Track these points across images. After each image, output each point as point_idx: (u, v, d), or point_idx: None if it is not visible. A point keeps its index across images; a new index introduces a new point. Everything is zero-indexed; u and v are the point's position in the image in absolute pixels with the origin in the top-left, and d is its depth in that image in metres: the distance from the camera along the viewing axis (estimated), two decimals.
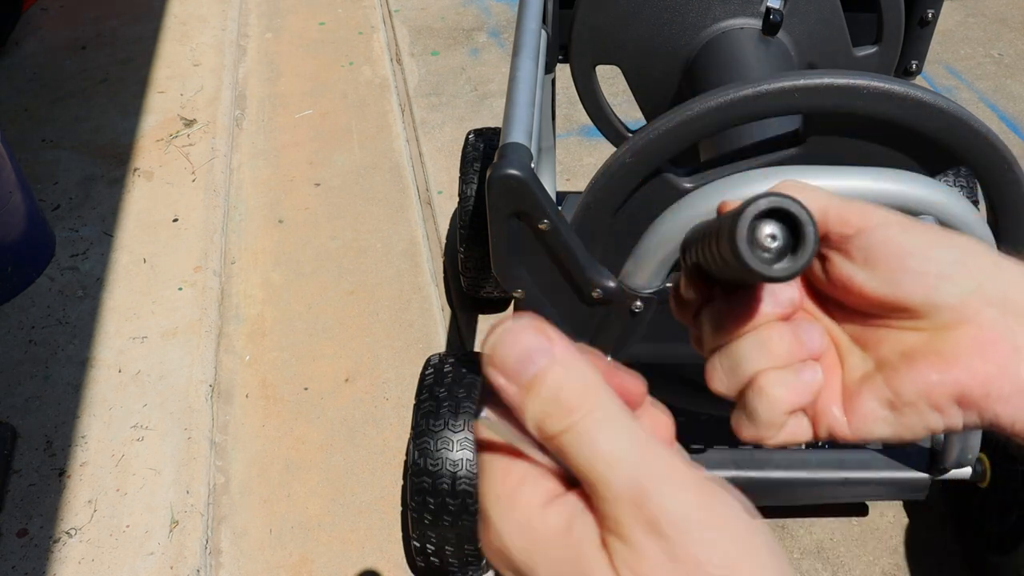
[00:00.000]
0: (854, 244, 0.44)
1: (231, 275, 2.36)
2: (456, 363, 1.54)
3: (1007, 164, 0.97)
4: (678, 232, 1.00)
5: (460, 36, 3.30)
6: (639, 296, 1.09)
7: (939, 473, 1.51)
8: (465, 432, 1.44)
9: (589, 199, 1.07)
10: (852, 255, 0.44)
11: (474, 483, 1.43)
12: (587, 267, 1.09)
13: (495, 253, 1.09)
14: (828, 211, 0.45)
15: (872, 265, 0.43)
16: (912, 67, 1.59)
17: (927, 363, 0.42)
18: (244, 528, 1.77)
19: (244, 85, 3.11)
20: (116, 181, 2.60)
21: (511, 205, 1.03)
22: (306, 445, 1.92)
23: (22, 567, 1.65)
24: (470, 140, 2.03)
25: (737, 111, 0.96)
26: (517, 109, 1.14)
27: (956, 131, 0.94)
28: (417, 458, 1.44)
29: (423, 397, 1.49)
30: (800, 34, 1.43)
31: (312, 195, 2.61)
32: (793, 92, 0.93)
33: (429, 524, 1.46)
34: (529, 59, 1.26)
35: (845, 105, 0.94)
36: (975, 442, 1.42)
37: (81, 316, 2.17)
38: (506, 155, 1.03)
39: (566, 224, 1.07)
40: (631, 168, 1.02)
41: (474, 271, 2.01)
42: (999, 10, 3.39)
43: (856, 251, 0.44)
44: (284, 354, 2.13)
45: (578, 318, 1.15)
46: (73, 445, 1.87)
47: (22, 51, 3.20)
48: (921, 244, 0.43)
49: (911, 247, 0.43)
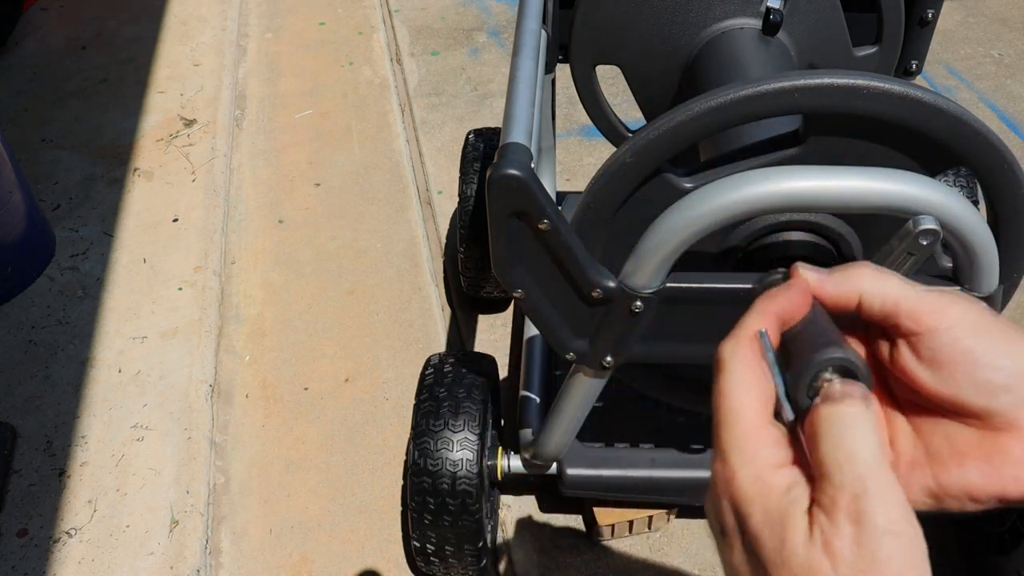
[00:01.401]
0: (923, 342, 0.46)
1: (231, 275, 2.36)
2: (456, 363, 1.54)
3: (1007, 164, 0.97)
4: (678, 232, 0.99)
5: (460, 36, 3.30)
6: (639, 296, 1.08)
7: None
8: (465, 432, 1.44)
9: (589, 199, 1.07)
10: (919, 352, 0.46)
11: (473, 483, 1.43)
12: (587, 267, 1.09)
13: (495, 253, 1.09)
14: (900, 304, 0.47)
15: (937, 367, 0.46)
16: (912, 67, 1.59)
17: (975, 466, 0.45)
18: (244, 528, 1.77)
19: (244, 85, 3.11)
20: (116, 181, 2.60)
21: (511, 205, 1.03)
22: (306, 445, 1.92)
23: (22, 567, 1.65)
24: (470, 140, 2.03)
25: (737, 111, 0.96)
26: (517, 109, 1.14)
27: (956, 131, 0.94)
28: (417, 458, 1.44)
29: (423, 397, 1.49)
30: (800, 34, 1.43)
31: (312, 195, 2.61)
32: (793, 92, 0.93)
33: (429, 524, 1.46)
34: (529, 59, 1.25)
35: (845, 105, 0.94)
36: None
37: (81, 316, 2.17)
38: (506, 155, 1.03)
39: (566, 224, 1.07)
40: (631, 168, 1.02)
41: (474, 271, 2.01)
42: (999, 10, 3.39)
43: (924, 350, 0.46)
44: (284, 354, 2.13)
45: (578, 318, 1.15)
46: (73, 445, 1.87)
47: (22, 51, 3.20)
48: (990, 353, 0.45)
49: (980, 355, 0.45)
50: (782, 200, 0.94)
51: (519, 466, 1.55)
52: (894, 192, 0.92)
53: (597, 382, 1.26)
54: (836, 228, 1.06)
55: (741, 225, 1.09)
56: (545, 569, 1.66)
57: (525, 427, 1.56)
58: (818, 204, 0.94)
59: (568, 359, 1.20)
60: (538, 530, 1.72)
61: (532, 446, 1.48)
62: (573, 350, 1.19)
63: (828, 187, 0.92)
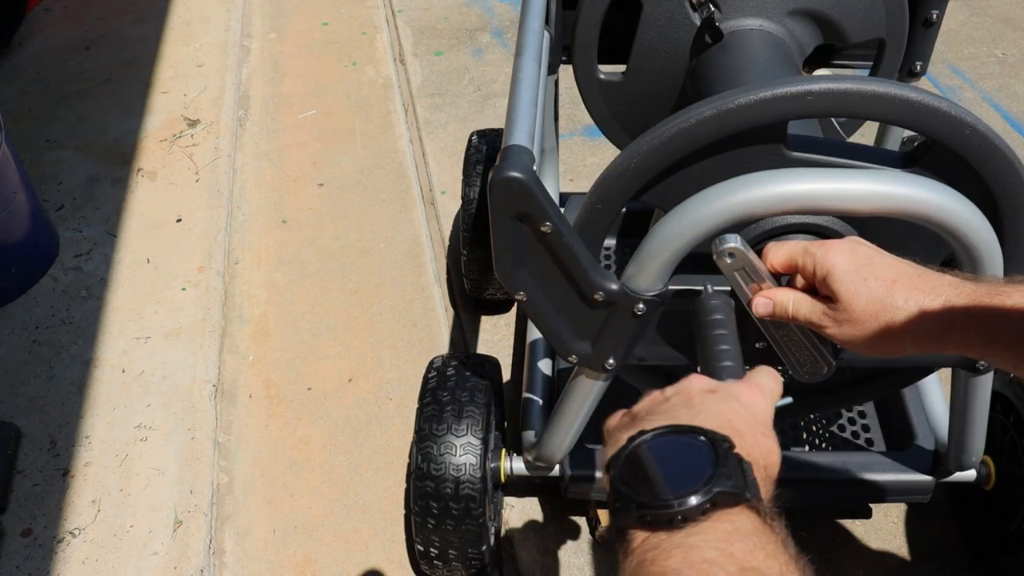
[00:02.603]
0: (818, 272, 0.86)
1: (234, 275, 2.36)
2: (459, 366, 1.53)
3: (1008, 162, 0.97)
4: (679, 235, 1.00)
5: (463, 36, 3.30)
6: (641, 299, 1.09)
7: (943, 475, 1.50)
8: (468, 436, 1.44)
9: (593, 201, 1.07)
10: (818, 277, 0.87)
11: (476, 488, 1.42)
12: (589, 269, 1.09)
13: (497, 255, 1.09)
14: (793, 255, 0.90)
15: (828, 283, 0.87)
16: (916, 68, 1.59)
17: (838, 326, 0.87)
18: (247, 528, 1.77)
19: (247, 85, 3.12)
20: (120, 181, 2.60)
21: (513, 207, 1.03)
22: (309, 445, 1.92)
23: (26, 567, 1.66)
24: (473, 142, 2.03)
25: (743, 116, 0.96)
26: (519, 111, 1.13)
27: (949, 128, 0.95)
28: (420, 462, 1.43)
29: (426, 401, 1.48)
30: (802, 36, 1.42)
31: (315, 195, 2.61)
32: (806, 96, 0.94)
33: (432, 528, 1.45)
34: (532, 60, 1.25)
35: (846, 110, 0.95)
36: (979, 445, 1.42)
37: (85, 316, 2.17)
38: (508, 157, 1.03)
39: (568, 226, 1.06)
40: (635, 172, 1.02)
41: (477, 273, 2.01)
42: (1003, 10, 3.38)
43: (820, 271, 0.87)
44: (287, 354, 2.13)
45: (581, 320, 1.15)
46: (77, 445, 1.87)
47: (26, 52, 3.21)
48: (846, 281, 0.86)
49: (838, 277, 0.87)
50: (784, 203, 0.94)
51: (522, 468, 1.55)
52: (894, 194, 0.92)
53: (600, 384, 1.26)
54: (838, 230, 1.06)
55: (744, 228, 1.09)
56: (548, 570, 1.66)
57: (528, 429, 1.56)
58: (820, 207, 0.94)
59: (570, 362, 1.20)
60: (541, 531, 1.72)
61: (535, 448, 1.47)
62: (575, 352, 1.19)
63: (829, 190, 0.93)
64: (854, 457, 1.53)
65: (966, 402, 1.34)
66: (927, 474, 1.50)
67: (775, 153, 1.01)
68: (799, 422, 1.68)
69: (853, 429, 1.67)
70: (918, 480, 1.49)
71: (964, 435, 1.40)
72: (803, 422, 1.69)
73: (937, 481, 1.51)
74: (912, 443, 1.54)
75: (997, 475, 1.53)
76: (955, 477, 1.52)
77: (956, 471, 1.49)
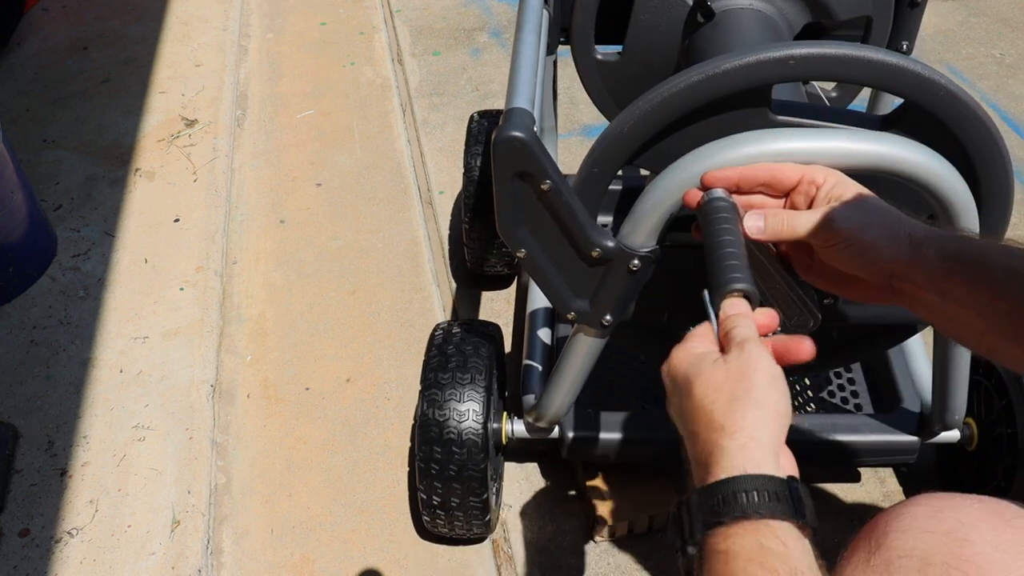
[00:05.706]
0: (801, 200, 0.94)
1: (232, 275, 2.36)
2: (463, 326, 1.60)
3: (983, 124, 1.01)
4: (672, 193, 1.05)
5: (461, 36, 3.31)
6: (637, 255, 1.13)
7: (929, 436, 1.55)
8: (472, 385, 1.48)
9: (589, 165, 1.12)
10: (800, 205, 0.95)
11: (478, 433, 1.46)
12: (587, 227, 1.14)
13: (499, 214, 1.14)
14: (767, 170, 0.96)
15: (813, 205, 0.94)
16: (903, 47, 1.65)
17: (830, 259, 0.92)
18: (245, 528, 1.77)
19: (245, 85, 3.12)
20: (118, 181, 2.60)
21: (515, 166, 1.08)
22: (307, 445, 1.92)
23: (23, 567, 1.66)
24: (475, 119, 2.10)
25: (734, 79, 1.01)
26: (520, 78, 1.20)
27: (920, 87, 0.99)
28: (425, 408, 1.48)
29: (432, 354, 1.54)
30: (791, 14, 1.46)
31: (313, 195, 2.61)
32: (788, 60, 0.99)
33: (436, 475, 1.49)
34: (532, 34, 1.33)
35: (825, 73, 1.01)
36: (961, 405, 1.47)
37: (83, 316, 2.17)
38: (510, 119, 1.08)
39: (567, 185, 1.12)
40: (631, 134, 1.06)
41: (478, 242, 2.06)
42: (1001, 10, 3.39)
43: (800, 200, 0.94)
44: (285, 354, 2.13)
45: (578, 277, 1.20)
46: (75, 445, 1.87)
47: (24, 51, 3.20)
48: None
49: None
50: (767, 161, 1.01)
51: (523, 431, 1.60)
52: (866, 151, 0.98)
53: (598, 342, 1.31)
54: None
55: None
56: (546, 569, 1.66)
57: (528, 393, 1.61)
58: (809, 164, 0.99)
59: (569, 319, 1.26)
60: (539, 530, 1.72)
61: (535, 409, 1.52)
62: (574, 310, 1.24)
63: (809, 148, 0.98)
64: (842, 420, 1.57)
65: (947, 362, 1.38)
66: (913, 435, 1.54)
67: (761, 117, 1.05)
68: (790, 386, 1.72)
69: (843, 395, 1.72)
70: (904, 440, 1.54)
71: (946, 395, 1.44)
72: (795, 387, 1.73)
73: (922, 441, 1.55)
74: (898, 406, 1.59)
75: (979, 436, 1.58)
76: (940, 438, 1.56)
77: (940, 432, 1.54)
